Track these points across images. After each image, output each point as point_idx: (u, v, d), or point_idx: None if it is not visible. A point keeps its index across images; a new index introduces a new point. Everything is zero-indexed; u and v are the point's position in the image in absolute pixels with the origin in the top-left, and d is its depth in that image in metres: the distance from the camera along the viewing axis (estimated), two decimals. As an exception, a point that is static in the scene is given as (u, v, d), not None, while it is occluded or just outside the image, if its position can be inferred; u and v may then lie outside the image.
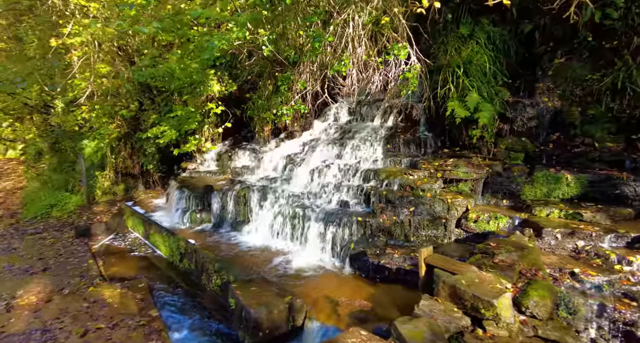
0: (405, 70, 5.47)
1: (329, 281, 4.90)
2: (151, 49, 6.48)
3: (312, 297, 4.48)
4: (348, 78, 5.92)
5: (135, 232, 7.87)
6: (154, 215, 7.94)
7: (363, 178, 6.10)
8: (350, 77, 5.85)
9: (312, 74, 6.20)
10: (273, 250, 5.89)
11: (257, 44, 6.03)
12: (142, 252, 6.95)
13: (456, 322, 3.33)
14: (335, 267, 5.23)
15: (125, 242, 7.55)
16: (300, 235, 5.84)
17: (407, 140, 6.55)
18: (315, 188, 6.44)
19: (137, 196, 9.70)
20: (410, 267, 4.75)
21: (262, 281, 4.60)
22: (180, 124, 7.12)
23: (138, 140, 9.92)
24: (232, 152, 8.83)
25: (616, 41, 5.84)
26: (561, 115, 6.01)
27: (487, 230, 5.03)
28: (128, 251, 7.07)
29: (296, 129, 8.18)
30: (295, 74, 6.31)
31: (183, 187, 7.60)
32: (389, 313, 4.10)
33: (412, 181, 5.58)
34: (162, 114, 7.93)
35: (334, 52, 5.69)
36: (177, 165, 9.96)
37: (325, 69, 6.07)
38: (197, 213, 7.04)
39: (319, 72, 6.43)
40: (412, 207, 5.27)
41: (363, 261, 4.97)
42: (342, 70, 5.37)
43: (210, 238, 6.58)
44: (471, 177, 5.45)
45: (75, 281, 5.56)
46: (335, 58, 5.59)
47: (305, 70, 6.26)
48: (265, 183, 7.05)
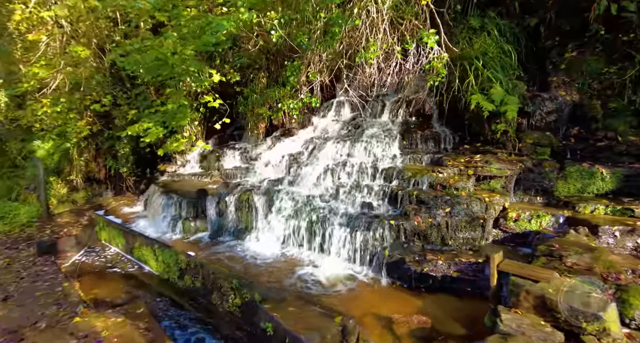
0: (432, 59, 5.03)
1: (368, 294, 4.32)
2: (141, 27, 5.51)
3: (356, 314, 3.87)
4: (367, 68, 5.38)
5: (112, 245, 6.78)
6: (135, 225, 6.92)
7: (384, 177, 5.59)
8: (371, 67, 5.31)
9: (324, 63, 5.59)
10: (289, 261, 5.22)
11: (264, 28, 5.32)
12: (125, 269, 5.93)
13: (551, 338, 2.90)
14: (368, 278, 4.66)
15: (101, 257, 6.45)
16: (321, 243, 5.21)
17: (425, 136, 6.14)
18: (329, 190, 5.83)
19: (107, 204, 8.50)
20: (457, 273, 4.31)
21: (297, 299, 3.92)
22: (167, 120, 6.20)
23: (106, 140, 8.73)
24: (219, 152, 7.97)
25: (633, 34, 5.81)
26: (581, 109, 5.88)
27: (528, 230, 4.72)
28: (107, 269, 6.02)
29: (294, 126, 7.52)
30: (304, 63, 5.66)
31: (170, 192, 6.66)
32: (452, 329, 3.61)
33: (443, 179, 5.15)
34: (141, 109, 6.93)
35: (352, 38, 5.12)
36: (152, 168, 8.90)
37: (339, 58, 5.48)
38: (190, 222, 6.16)
39: (328, 62, 5.83)
40: (448, 207, 4.84)
41: (403, 270, 4.45)
42: (369, 57, 4.82)
43: (209, 249, 5.76)
44: (505, 173, 5.13)
45: (52, 311, 4.51)
46: (355, 45, 5.02)
47: (315, 60, 5.63)
48: (267, 186, 6.31)
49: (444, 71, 5.11)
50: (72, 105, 6.73)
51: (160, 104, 6.84)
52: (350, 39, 5.09)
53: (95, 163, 9.34)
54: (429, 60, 5.14)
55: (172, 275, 5.28)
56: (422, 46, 5.16)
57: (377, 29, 5.08)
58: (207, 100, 5.83)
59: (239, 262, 5.35)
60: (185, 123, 5.92)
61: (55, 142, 8.84)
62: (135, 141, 8.29)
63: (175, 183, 7.36)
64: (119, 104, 7.40)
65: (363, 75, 5.59)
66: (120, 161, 8.12)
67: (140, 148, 8.38)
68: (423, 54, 5.57)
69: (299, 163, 6.43)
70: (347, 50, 5.57)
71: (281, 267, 5.07)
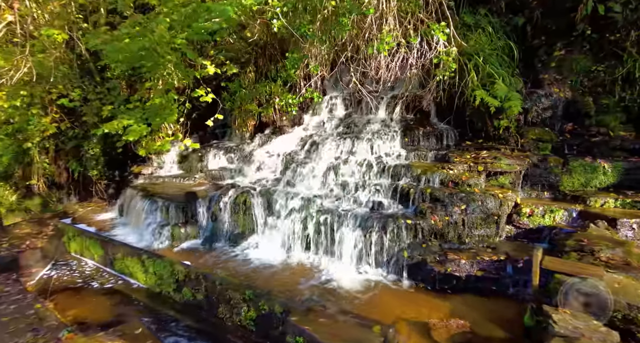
0: (440, 53, 4.89)
1: (391, 298, 4.08)
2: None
3: (386, 321, 3.62)
4: (373, 61, 5.14)
5: (86, 257, 6.03)
6: (112, 233, 6.21)
7: (392, 175, 5.38)
8: (377, 60, 5.08)
9: (324, 56, 5.28)
10: (296, 267, 4.86)
11: (264, 16, 4.91)
12: (105, 284, 5.26)
13: (609, 339, 2.80)
14: (388, 281, 4.42)
15: (74, 272, 5.69)
16: (330, 245, 4.90)
17: (427, 132, 6.01)
18: (333, 189, 5.53)
19: (73, 211, 7.62)
20: (480, 272, 4.18)
21: (323, 309, 3.59)
22: (150, 117, 5.58)
23: (69, 140, 7.85)
24: (202, 152, 7.40)
25: (618, 34, 6.04)
26: (574, 106, 6.02)
27: (541, 225, 4.71)
28: (83, 285, 5.31)
29: (285, 124, 7.13)
30: (306, 55, 5.32)
31: (153, 196, 6.03)
32: (492, 331, 3.45)
33: (455, 176, 5.03)
34: (117, 104, 6.23)
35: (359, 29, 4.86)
36: (122, 171, 8.11)
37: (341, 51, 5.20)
38: (180, 228, 5.60)
39: (328, 55, 5.53)
40: (464, 204, 4.71)
41: (426, 271, 4.25)
42: (383, 49, 4.58)
43: (204, 257, 5.26)
44: (514, 169, 5.10)
45: (29, 339, 3.84)
46: (361, 37, 4.77)
47: (316, 52, 5.31)
48: (265, 187, 5.89)
49: (454, 65, 4.99)
50: (35, 99, 5.89)
51: (139, 99, 6.20)
52: (357, 30, 4.82)
53: (56, 165, 8.37)
54: (437, 54, 4.98)
55: (167, 288, 4.73)
56: (427, 40, 5.01)
57: (386, 20, 4.86)
58: (199, 95, 5.31)
59: (241, 269, 4.91)
60: (174, 119, 5.36)
61: (4, 142, 7.79)
62: (105, 141, 7.51)
63: (155, 186, 6.71)
64: (88, 99, 6.62)
65: (369, 70, 5.34)
66: (89, 163, 7.29)
67: (112, 148, 7.60)
68: (426, 48, 5.42)
69: (296, 162, 6.07)
70: (350, 42, 5.29)
71: (288, 275, 4.70)
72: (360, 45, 5.02)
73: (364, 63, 5.31)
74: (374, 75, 5.23)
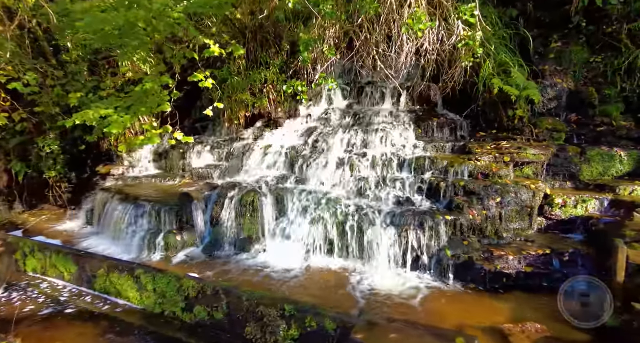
0: (466, 37, 4.59)
1: (447, 303, 3.66)
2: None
3: (454, 329, 3.21)
4: (393, 45, 4.71)
5: (52, 277, 4.94)
6: (81, 246, 5.20)
7: (414, 168, 5.00)
8: (398, 44, 4.65)
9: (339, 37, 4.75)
10: (322, 274, 4.30)
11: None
12: (85, 309, 4.30)
13: None
14: (432, 283, 4.00)
15: (38, 296, 4.61)
16: (359, 248, 4.39)
17: (441, 123, 5.71)
18: (351, 186, 5.02)
19: (22, 221, 6.35)
20: (529, 268, 3.92)
21: (387, 322, 3.08)
22: (134, 105, 4.68)
23: (12, 136, 6.55)
24: (184, 148, 6.52)
25: (614, 26, 6.18)
26: (577, 96, 6.06)
27: (573, 216, 4.57)
28: (55, 311, 4.30)
29: (280, 116, 6.47)
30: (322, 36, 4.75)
31: (137, 200, 5.11)
32: (573, 334, 3.15)
33: (485, 167, 4.77)
34: (85, 91, 5.21)
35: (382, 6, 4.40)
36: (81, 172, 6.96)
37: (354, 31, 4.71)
38: (176, 235, 4.77)
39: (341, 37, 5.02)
40: (499, 197, 4.44)
41: (475, 270, 3.90)
42: (418, 30, 4.14)
43: (208, 268, 4.51)
44: (540, 159, 4.94)
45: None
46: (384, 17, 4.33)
47: (330, 33, 4.77)
48: (268, 185, 5.23)
49: (480, 51, 4.72)
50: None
51: (114, 86, 5.24)
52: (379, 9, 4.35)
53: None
54: (461, 38, 4.67)
55: (172, 307, 3.93)
56: (449, 23, 4.69)
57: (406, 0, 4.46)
58: (199, 79, 4.51)
59: (255, 282, 4.25)
60: (167, 108, 4.52)
61: None
62: (65, 136, 6.36)
63: (134, 188, 5.74)
64: (47, 85, 5.48)
65: (389, 53, 4.89)
66: (45, 163, 6.10)
67: (73, 145, 6.46)
68: (443, 33, 5.11)
69: (303, 157, 5.47)
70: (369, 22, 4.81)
71: (315, 283, 4.13)
72: (377, 28, 4.55)
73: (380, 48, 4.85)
74: (395, 60, 4.79)
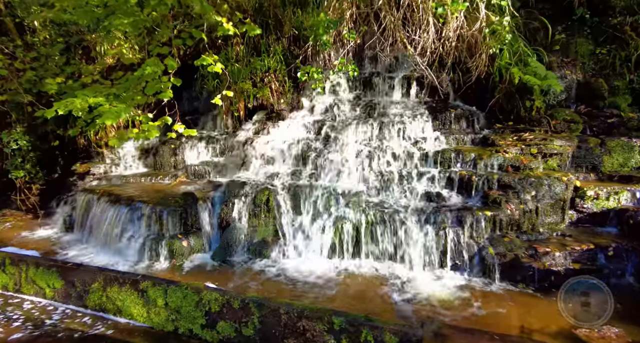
0: (494, 21, 4.33)
1: (502, 306, 3.35)
2: None
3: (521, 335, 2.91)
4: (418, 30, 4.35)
5: (29, 294, 4.20)
6: (61, 256, 4.48)
7: (440, 161, 4.69)
8: (423, 28, 4.31)
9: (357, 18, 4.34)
10: (353, 278, 3.89)
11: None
12: (76, 329, 3.63)
13: None
14: (477, 285, 3.69)
15: (15, 319, 3.87)
16: (391, 247, 4.02)
17: (458, 115, 5.45)
18: (372, 181, 4.63)
19: (-18, 229, 5.46)
20: (577, 265, 3.70)
21: (454, 330, 2.71)
22: (125, 93, 4.03)
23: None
24: (176, 144, 5.88)
25: (618, 18, 6.19)
26: (587, 87, 6.00)
27: (605, 208, 4.43)
28: (43, 334, 3.61)
29: (283, 108, 5.97)
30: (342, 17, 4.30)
31: (132, 201, 4.46)
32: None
33: (514, 159, 4.53)
34: (64, 76, 4.48)
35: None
36: (51, 170, 6.13)
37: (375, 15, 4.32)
38: (182, 241, 4.18)
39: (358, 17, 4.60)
40: (533, 190, 4.21)
41: (523, 269, 3.63)
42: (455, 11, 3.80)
43: (222, 276, 3.97)
44: (566, 150, 4.79)
45: None
46: None
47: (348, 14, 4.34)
48: (282, 182, 4.75)
49: (509, 37, 4.47)
50: None
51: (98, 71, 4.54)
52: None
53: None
54: (488, 24, 4.40)
55: (188, 324, 3.38)
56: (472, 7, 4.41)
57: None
58: (209, 63, 3.92)
59: (281, 290, 3.76)
60: (169, 96, 3.90)
61: None
62: (35, 130, 5.53)
63: (123, 188, 5.05)
64: (14, 68, 4.68)
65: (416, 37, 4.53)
66: (12, 161, 5.24)
67: (44, 141, 5.64)
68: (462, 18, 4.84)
69: (316, 152, 5.02)
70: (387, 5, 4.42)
71: (346, 289, 3.71)
72: (399, 10, 4.18)
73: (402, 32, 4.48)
74: (426, 43, 4.44)
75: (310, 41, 4.95)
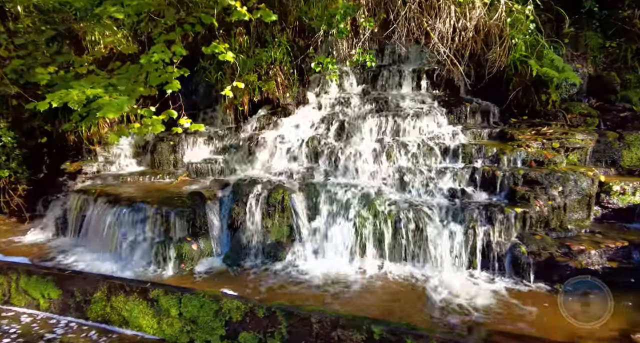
0: (516, 11, 4.15)
1: (538, 308, 3.16)
2: None
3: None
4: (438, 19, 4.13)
5: (20, 306, 3.79)
6: (54, 263, 4.10)
7: (462, 157, 4.49)
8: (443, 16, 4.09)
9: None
10: (379, 281, 3.66)
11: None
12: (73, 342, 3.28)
13: None
14: (510, 286, 3.50)
15: (10, 333, 3.50)
16: (417, 247, 3.79)
17: (473, 109, 5.27)
18: (390, 178, 4.40)
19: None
20: (614, 263, 3.55)
21: (504, 338, 2.50)
22: (124, 84, 3.67)
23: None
24: (176, 140, 5.52)
25: (627, 11, 6.12)
26: (598, 81, 5.91)
27: (631, 204, 4.31)
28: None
29: (289, 102, 5.67)
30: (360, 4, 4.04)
31: (134, 202, 4.10)
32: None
33: (537, 154, 4.37)
34: (56, 66, 4.09)
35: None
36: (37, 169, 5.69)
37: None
38: (192, 244, 3.85)
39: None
40: (560, 186, 4.05)
41: (559, 268, 3.46)
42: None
43: (239, 282, 3.66)
44: (588, 144, 4.65)
45: None
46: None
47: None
48: (298, 179, 4.47)
49: (532, 26, 4.30)
50: None
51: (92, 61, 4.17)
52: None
53: None
54: (508, 13, 4.22)
55: (205, 335, 3.08)
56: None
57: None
58: (219, 51, 3.60)
59: (305, 295, 3.49)
60: (176, 87, 3.57)
61: None
62: (21, 125, 5.10)
63: (119, 188, 4.68)
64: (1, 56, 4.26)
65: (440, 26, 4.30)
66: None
67: (30, 137, 5.21)
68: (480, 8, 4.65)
69: (330, 147, 4.75)
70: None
71: (374, 294, 3.47)
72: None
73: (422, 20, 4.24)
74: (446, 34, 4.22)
75: (322, 30, 4.66)
